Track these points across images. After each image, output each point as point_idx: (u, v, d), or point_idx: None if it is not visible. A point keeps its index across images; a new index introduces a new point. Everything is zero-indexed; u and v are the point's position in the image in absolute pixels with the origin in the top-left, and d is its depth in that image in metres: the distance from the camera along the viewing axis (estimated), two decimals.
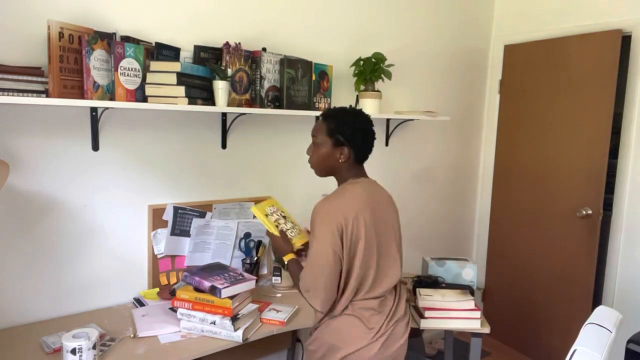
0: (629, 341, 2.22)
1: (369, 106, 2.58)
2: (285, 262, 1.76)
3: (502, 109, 3.47)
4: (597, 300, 3.07)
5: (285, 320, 1.91)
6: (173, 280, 2.19)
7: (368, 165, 1.76)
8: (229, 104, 2.09)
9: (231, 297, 1.73)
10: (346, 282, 1.62)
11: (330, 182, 2.73)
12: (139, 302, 2.04)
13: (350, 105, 1.75)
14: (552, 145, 3.14)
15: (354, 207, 1.60)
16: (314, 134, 1.70)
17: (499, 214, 3.53)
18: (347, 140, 1.65)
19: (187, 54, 2.07)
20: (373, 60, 2.54)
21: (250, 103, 2.21)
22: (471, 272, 2.35)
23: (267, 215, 1.87)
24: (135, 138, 2.04)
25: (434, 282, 2.26)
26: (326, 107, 2.49)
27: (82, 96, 1.73)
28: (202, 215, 2.23)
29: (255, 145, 2.42)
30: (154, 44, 1.92)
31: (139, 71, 1.83)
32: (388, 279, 1.69)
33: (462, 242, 3.64)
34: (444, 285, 2.26)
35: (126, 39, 1.87)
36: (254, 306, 1.88)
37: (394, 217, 1.78)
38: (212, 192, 2.31)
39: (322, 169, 1.73)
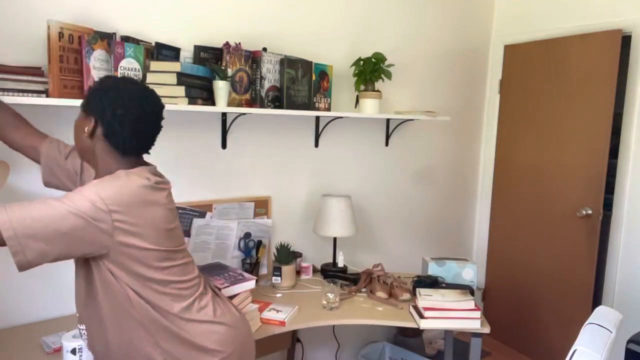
0: (629, 341, 2.23)
1: (369, 106, 2.58)
2: None
3: (502, 109, 3.47)
4: (597, 300, 3.07)
5: (285, 320, 1.91)
6: None
7: (367, 165, 1.76)
8: (229, 104, 2.09)
9: (231, 297, 1.73)
10: None
11: (331, 183, 2.75)
12: None
13: (126, 77, 1.30)
14: (552, 145, 3.14)
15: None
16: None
17: (499, 214, 3.53)
18: (97, 115, 1.24)
19: (187, 54, 2.07)
20: (373, 60, 2.54)
21: (251, 103, 2.21)
22: (471, 272, 2.35)
23: None
24: None
25: (433, 282, 2.26)
26: (326, 107, 2.49)
27: (82, 96, 1.73)
28: (202, 215, 2.24)
29: (255, 145, 2.42)
30: (154, 44, 1.92)
31: (139, 71, 1.83)
32: None
33: (462, 242, 3.64)
34: (444, 285, 2.27)
35: (126, 39, 1.87)
36: (254, 306, 1.88)
37: None
38: (212, 192, 2.31)
39: (77, 147, 1.32)
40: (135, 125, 1.25)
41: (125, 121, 1.24)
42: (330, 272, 2.46)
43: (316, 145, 2.65)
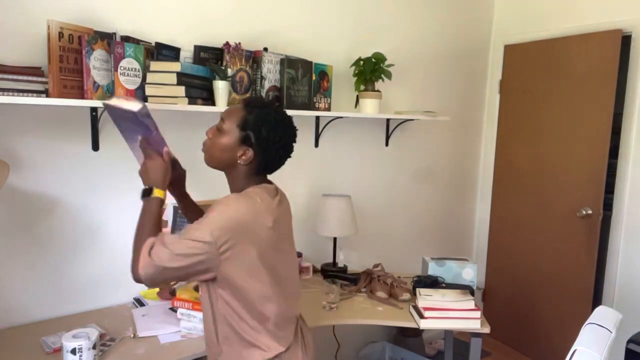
0: (629, 341, 2.23)
1: (369, 106, 2.58)
2: (150, 195, 1.40)
3: (502, 109, 3.47)
4: (597, 300, 3.07)
5: None
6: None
7: (367, 165, 1.76)
8: (229, 104, 2.09)
9: None
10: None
11: (331, 183, 2.74)
12: (139, 302, 2.04)
13: (279, 105, 1.43)
14: (552, 145, 3.14)
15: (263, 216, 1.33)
16: (223, 118, 1.38)
17: (499, 214, 3.53)
18: (258, 143, 1.35)
19: (187, 54, 2.06)
20: (373, 60, 2.54)
21: None
22: (471, 272, 2.35)
23: None
24: None
25: (433, 282, 2.26)
26: (326, 107, 2.49)
27: (82, 96, 1.73)
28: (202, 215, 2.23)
29: None
30: (154, 44, 1.92)
31: (139, 71, 1.83)
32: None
33: (462, 242, 3.64)
34: (443, 285, 2.26)
35: (126, 39, 1.87)
36: None
37: (291, 228, 1.54)
38: (212, 192, 2.31)
39: (215, 159, 1.41)
40: (279, 151, 1.39)
41: (275, 149, 1.37)
42: (330, 272, 2.46)
43: (316, 145, 2.65)
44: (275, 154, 1.39)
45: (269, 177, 1.50)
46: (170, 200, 2.17)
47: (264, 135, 1.35)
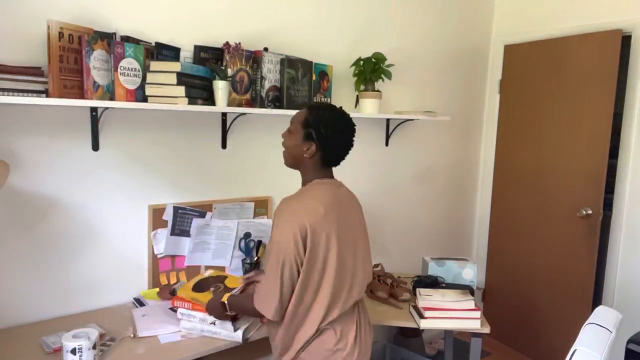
0: (629, 341, 2.22)
1: (369, 106, 2.58)
2: (226, 304, 1.65)
3: (502, 109, 3.47)
4: (597, 300, 3.07)
5: None
6: (173, 280, 2.19)
7: (367, 165, 1.76)
8: (229, 104, 2.09)
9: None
10: (315, 297, 1.52)
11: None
12: (139, 302, 2.04)
13: (341, 107, 1.64)
14: (552, 145, 3.14)
15: (320, 211, 1.51)
16: (292, 121, 1.62)
17: (499, 214, 3.53)
18: (318, 138, 1.56)
19: (187, 54, 2.07)
20: (373, 60, 2.54)
21: (251, 103, 2.21)
22: (471, 272, 2.35)
23: (197, 291, 1.84)
24: (135, 138, 2.04)
25: (433, 282, 2.26)
26: None
27: (82, 96, 1.73)
28: (202, 215, 2.23)
29: (255, 145, 2.42)
30: (154, 44, 1.92)
31: (139, 71, 1.83)
32: (357, 288, 1.61)
33: (462, 242, 3.64)
34: (443, 285, 2.27)
35: (126, 39, 1.87)
36: None
37: (361, 219, 1.70)
38: (212, 192, 2.31)
39: (288, 158, 1.65)
40: (340, 144, 1.59)
41: (333, 142, 1.57)
42: None
43: None
44: (334, 148, 1.59)
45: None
46: (170, 201, 2.18)
47: (323, 132, 1.55)
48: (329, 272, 1.52)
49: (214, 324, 1.74)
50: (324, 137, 1.56)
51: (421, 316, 1.97)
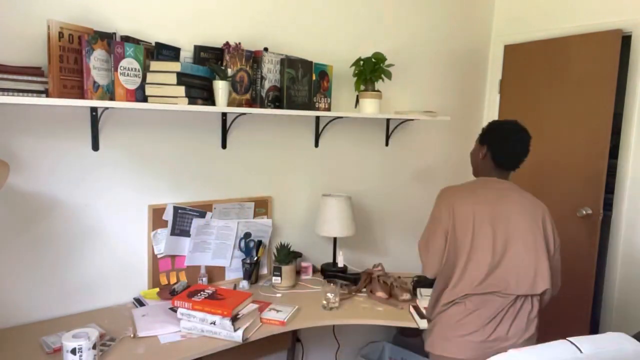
0: None
1: (368, 106, 2.58)
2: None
3: (502, 109, 3.46)
4: (597, 300, 3.07)
5: (285, 320, 1.91)
6: (173, 280, 2.19)
7: (367, 165, 1.76)
8: (229, 104, 2.09)
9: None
10: (451, 271, 1.75)
11: (331, 183, 2.74)
12: (139, 302, 2.04)
13: (515, 121, 1.93)
14: (552, 145, 3.14)
15: (465, 194, 1.79)
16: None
17: None
18: (487, 142, 1.86)
19: (187, 54, 2.07)
20: (373, 60, 2.54)
21: (251, 103, 2.21)
22: None
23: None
24: (135, 138, 2.04)
25: (433, 282, 2.25)
26: (326, 107, 2.49)
27: (82, 96, 1.73)
28: (202, 215, 2.23)
29: (255, 145, 2.42)
30: (154, 44, 1.92)
31: (139, 71, 1.83)
32: (501, 279, 1.69)
33: None
34: None
35: (126, 39, 1.87)
36: (254, 306, 1.88)
37: (528, 219, 1.78)
38: (212, 192, 2.31)
39: (471, 163, 1.97)
40: (507, 150, 1.84)
41: (501, 148, 1.84)
42: (330, 272, 2.47)
43: (316, 145, 2.65)
44: (500, 153, 1.84)
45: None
46: (170, 201, 2.18)
47: (488, 139, 1.86)
48: (461, 252, 1.72)
49: (214, 324, 1.74)
50: (491, 140, 1.85)
51: (421, 316, 1.97)
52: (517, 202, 1.80)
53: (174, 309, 1.88)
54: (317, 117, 2.61)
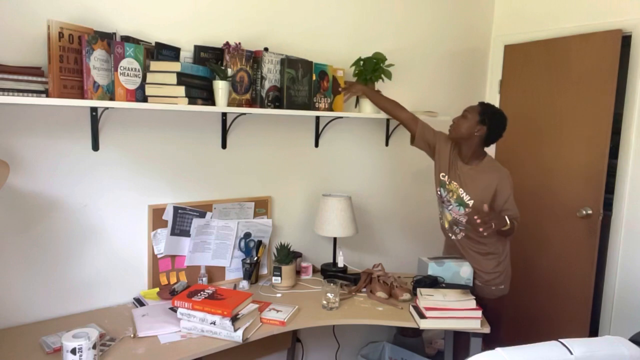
0: (629, 341, 2.22)
1: (369, 106, 2.58)
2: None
3: (502, 109, 3.45)
4: (597, 300, 3.07)
5: (285, 320, 1.91)
6: (173, 280, 2.19)
7: (367, 165, 1.76)
8: (229, 104, 2.09)
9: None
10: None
11: (331, 183, 2.74)
12: (139, 302, 2.04)
13: (499, 109, 2.30)
14: (552, 145, 3.14)
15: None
16: (467, 110, 2.28)
17: None
18: (489, 124, 2.23)
19: (187, 54, 2.07)
20: (373, 60, 2.54)
21: (251, 103, 2.21)
22: (468, 270, 2.35)
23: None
24: (136, 138, 2.04)
25: (433, 282, 2.26)
26: (326, 107, 2.49)
27: (82, 96, 1.73)
28: (202, 215, 2.24)
29: (255, 145, 2.42)
30: (154, 44, 1.92)
31: (139, 71, 1.83)
32: None
33: None
34: (443, 285, 2.26)
35: (126, 39, 1.87)
36: (254, 306, 1.88)
37: None
38: (212, 192, 2.31)
39: (460, 134, 2.26)
40: (497, 133, 2.28)
41: (495, 132, 2.27)
42: (330, 272, 2.47)
43: (316, 145, 2.65)
44: (492, 134, 2.26)
45: None
46: (170, 201, 2.18)
47: (489, 123, 2.23)
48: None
49: (214, 324, 1.74)
50: (493, 124, 2.23)
51: (421, 316, 1.97)
52: None
53: (174, 309, 1.88)
54: (317, 117, 2.61)
